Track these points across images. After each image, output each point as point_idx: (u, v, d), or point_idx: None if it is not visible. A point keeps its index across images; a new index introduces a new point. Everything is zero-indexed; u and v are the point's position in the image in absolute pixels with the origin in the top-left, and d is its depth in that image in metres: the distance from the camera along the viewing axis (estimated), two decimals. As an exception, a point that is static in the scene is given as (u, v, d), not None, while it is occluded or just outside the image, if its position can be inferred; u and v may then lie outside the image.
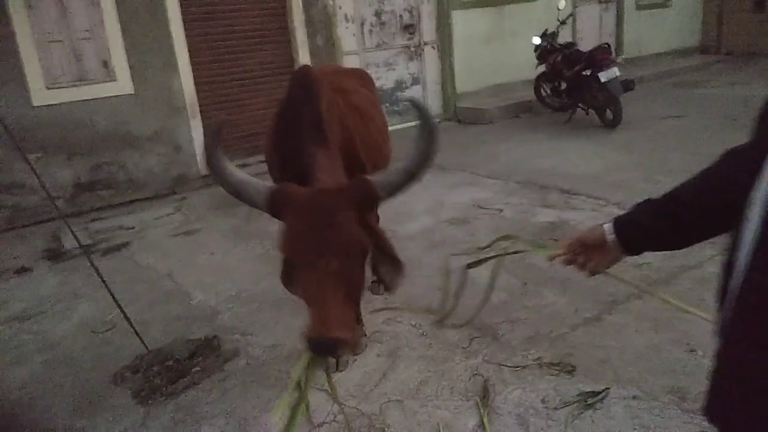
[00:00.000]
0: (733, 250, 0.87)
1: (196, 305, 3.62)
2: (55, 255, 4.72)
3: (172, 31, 6.21)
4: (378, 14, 8.10)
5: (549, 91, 7.97)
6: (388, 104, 8.51)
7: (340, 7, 7.61)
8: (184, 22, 6.30)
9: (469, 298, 3.37)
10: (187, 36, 6.34)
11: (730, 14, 12.12)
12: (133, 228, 5.24)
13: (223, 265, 4.24)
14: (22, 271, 4.46)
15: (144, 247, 4.74)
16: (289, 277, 1.91)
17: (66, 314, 3.67)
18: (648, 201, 1.14)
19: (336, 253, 1.66)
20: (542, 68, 7.90)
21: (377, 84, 8.29)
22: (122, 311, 2.99)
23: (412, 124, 8.61)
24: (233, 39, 6.76)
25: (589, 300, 3.19)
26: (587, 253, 1.23)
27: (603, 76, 6.54)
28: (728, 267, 0.88)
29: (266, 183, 1.87)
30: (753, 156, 0.85)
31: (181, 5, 6.26)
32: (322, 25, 7.29)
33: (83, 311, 3.69)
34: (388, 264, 1.92)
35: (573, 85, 7.19)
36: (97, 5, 5.83)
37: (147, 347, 3.05)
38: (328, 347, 1.61)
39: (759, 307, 0.79)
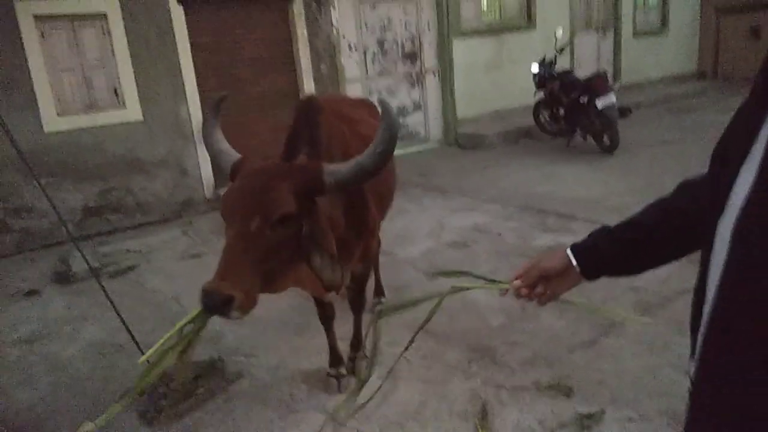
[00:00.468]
0: (702, 278, 0.93)
1: (201, 328, 3.69)
2: (63, 278, 4.80)
3: (181, 59, 6.39)
4: (381, 43, 8.30)
5: (548, 118, 8.12)
6: (390, 130, 8.65)
7: (344, 37, 7.82)
8: (193, 50, 6.48)
9: (468, 322, 3.44)
10: (195, 64, 6.52)
11: (726, 41, 12.34)
12: (140, 251, 5.34)
13: (227, 288, 4.31)
14: (31, 293, 4.55)
15: (151, 270, 4.83)
16: None
17: (73, 336, 3.75)
18: (604, 228, 1.19)
19: (252, 213, 1.66)
20: (541, 95, 8.05)
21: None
22: (130, 333, 3.07)
23: (414, 149, 8.77)
24: (240, 67, 6.95)
25: (586, 323, 3.26)
26: (545, 281, 1.22)
27: (599, 103, 6.69)
28: (699, 293, 0.94)
29: (239, 155, 2.02)
30: (709, 190, 0.93)
31: (190, 35, 6.45)
32: (326, 53, 7.47)
33: (90, 333, 3.77)
34: (326, 259, 1.91)
35: (571, 111, 7.34)
36: (108, 35, 6.02)
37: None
38: (214, 302, 1.57)
39: (727, 336, 0.85)
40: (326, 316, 2.82)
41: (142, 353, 3.01)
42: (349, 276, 2.59)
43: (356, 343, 3.03)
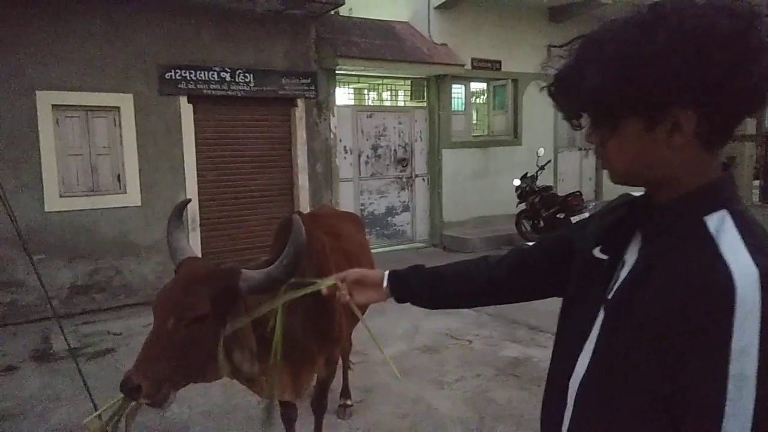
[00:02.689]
0: (559, 410, 1.14)
1: (169, 417, 3.79)
2: (42, 356, 4.91)
3: (185, 152, 6.82)
4: (375, 148, 8.85)
5: (528, 228, 8.52)
6: (378, 228, 9.03)
7: (341, 140, 8.35)
8: (197, 145, 6.93)
9: (429, 430, 3.53)
10: (197, 158, 6.95)
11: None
12: (121, 334, 5.47)
13: (201, 377, 4.43)
14: (9, 369, 4.65)
15: (128, 354, 4.94)
16: None
17: (44, 417, 3.83)
18: (419, 267, 1.47)
19: (170, 312, 1.84)
20: (523, 206, 8.49)
21: (371, 208, 8.89)
22: (100, 418, 3.18)
23: (401, 247, 9.10)
24: (240, 162, 7.38)
25: (539, 439, 3.39)
26: (360, 286, 1.48)
27: (574, 220, 7.09)
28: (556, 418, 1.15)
29: (191, 254, 2.18)
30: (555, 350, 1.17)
31: (196, 131, 6.92)
32: (322, 154, 7.96)
33: (61, 415, 3.85)
34: (246, 355, 2.04)
35: (549, 224, 7.74)
36: (119, 126, 6.48)
37: (118, 456, 3.20)
38: (126, 388, 1.74)
39: None
40: (288, 416, 2.95)
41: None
42: (312, 381, 2.77)
43: (316, 444, 3.14)
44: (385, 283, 1.46)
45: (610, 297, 1.01)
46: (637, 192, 1.09)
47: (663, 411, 0.87)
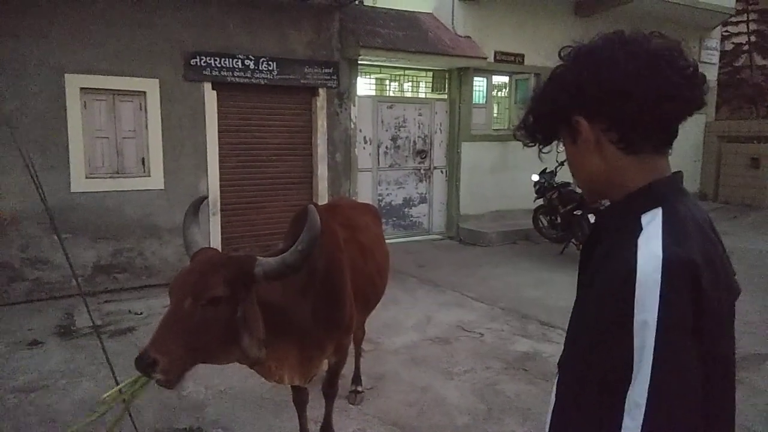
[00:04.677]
0: None
1: (186, 396, 3.92)
2: (66, 332, 5.08)
3: (208, 138, 6.93)
4: (394, 139, 8.90)
5: (546, 223, 8.50)
6: (395, 219, 9.10)
7: (360, 130, 8.41)
8: (219, 132, 7.04)
9: (436, 418, 3.62)
10: (220, 144, 7.06)
11: (727, 167, 12.85)
12: (142, 314, 5.63)
13: (217, 359, 4.56)
14: (34, 344, 4.82)
15: (148, 334, 5.03)
16: None
17: (68, 391, 3.99)
18: None
19: (187, 293, 1.93)
20: (540, 202, 8.48)
21: (388, 199, 8.95)
22: (121, 393, 3.31)
23: (417, 239, 9.16)
24: (261, 149, 7.48)
25: (545, 432, 3.45)
26: None
27: (592, 218, 7.07)
28: None
29: (204, 246, 2.31)
30: None
31: (219, 117, 7.03)
32: (342, 144, 8.02)
33: (84, 390, 4.00)
34: (254, 341, 2.11)
35: (566, 221, 7.73)
36: (144, 110, 6.61)
37: None
38: (143, 362, 1.82)
39: None
40: (300, 399, 3.05)
41: (130, 415, 3.26)
42: (322, 367, 2.86)
43: (325, 428, 3.24)
44: None
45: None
46: None
47: (604, 392, 0.98)
